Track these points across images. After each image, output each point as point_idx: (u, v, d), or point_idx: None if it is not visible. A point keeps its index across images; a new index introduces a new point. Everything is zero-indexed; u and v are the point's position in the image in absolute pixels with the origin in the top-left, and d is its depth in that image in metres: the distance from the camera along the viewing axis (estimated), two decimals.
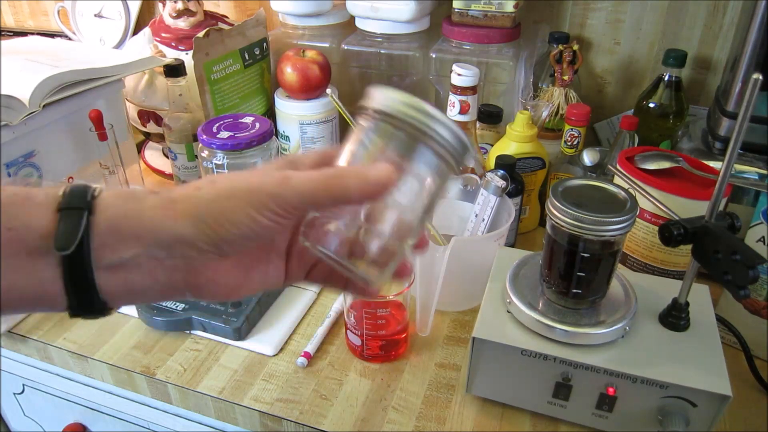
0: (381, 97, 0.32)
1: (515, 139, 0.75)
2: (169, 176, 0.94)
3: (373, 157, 0.32)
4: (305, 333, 0.65)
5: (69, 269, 0.30)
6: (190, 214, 0.31)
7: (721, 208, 0.53)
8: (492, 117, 0.82)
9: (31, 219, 0.30)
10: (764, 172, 0.67)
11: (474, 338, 0.51)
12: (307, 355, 0.60)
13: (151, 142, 1.00)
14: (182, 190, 0.32)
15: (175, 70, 0.79)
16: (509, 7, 0.81)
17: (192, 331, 0.64)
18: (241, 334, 0.62)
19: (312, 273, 0.38)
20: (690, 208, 0.59)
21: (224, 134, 0.66)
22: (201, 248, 0.31)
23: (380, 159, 0.32)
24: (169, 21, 0.92)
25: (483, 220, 0.68)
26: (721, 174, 0.44)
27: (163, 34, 0.92)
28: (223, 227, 0.31)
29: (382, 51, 0.88)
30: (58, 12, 1.13)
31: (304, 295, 0.69)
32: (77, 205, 0.30)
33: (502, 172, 0.67)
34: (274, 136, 0.70)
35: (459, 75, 0.69)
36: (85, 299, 0.31)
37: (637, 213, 0.48)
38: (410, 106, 0.31)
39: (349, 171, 0.32)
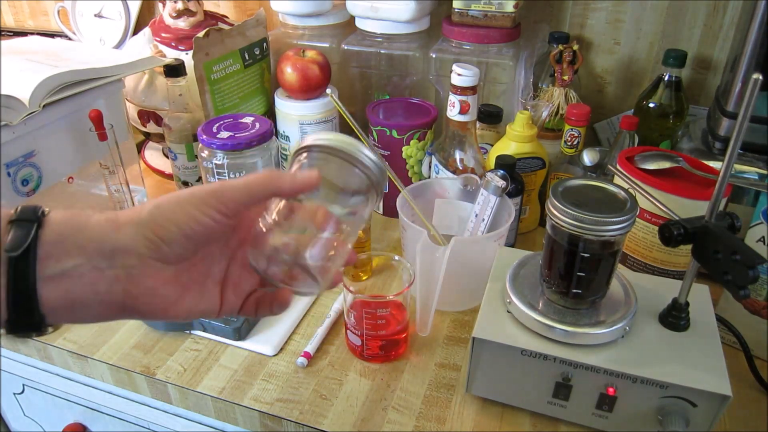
0: (313, 137, 0.38)
1: (515, 139, 0.75)
2: (169, 176, 0.94)
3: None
4: (305, 333, 0.65)
5: (14, 277, 0.31)
6: (133, 224, 0.34)
7: (721, 208, 0.53)
8: (492, 117, 0.82)
9: None
10: (764, 172, 0.67)
11: (474, 338, 0.51)
12: (307, 355, 0.61)
13: (151, 142, 1.00)
14: (128, 214, 0.35)
15: (175, 70, 0.79)
16: (509, 7, 0.81)
17: (192, 331, 0.64)
18: (241, 334, 0.62)
19: (246, 304, 0.40)
20: (690, 208, 0.59)
21: (224, 134, 0.66)
22: (142, 254, 0.34)
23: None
24: (169, 21, 0.92)
25: (483, 220, 0.68)
26: (721, 174, 0.44)
27: (163, 34, 0.92)
28: (164, 228, 0.34)
29: (382, 51, 0.88)
30: (58, 12, 1.13)
31: None
32: (28, 218, 0.32)
33: (502, 172, 0.67)
34: (274, 136, 0.70)
35: (459, 75, 0.69)
36: (25, 310, 0.32)
37: (637, 213, 0.48)
38: (338, 139, 0.37)
39: (282, 173, 0.37)
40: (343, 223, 0.38)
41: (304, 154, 0.38)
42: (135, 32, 1.07)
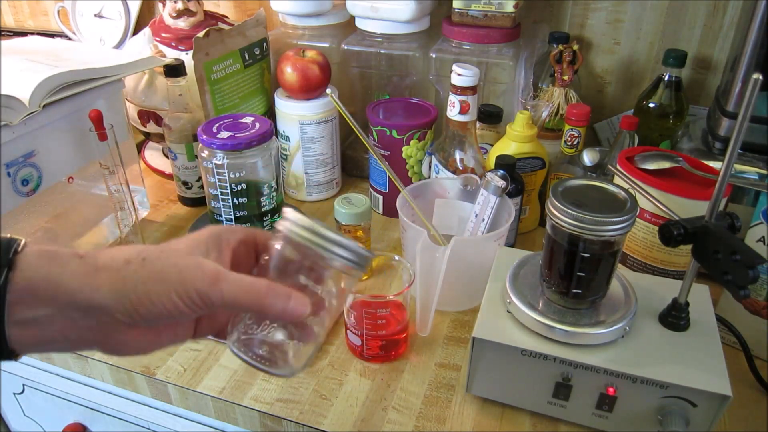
0: (290, 224, 0.37)
1: (515, 139, 0.75)
2: (169, 176, 0.94)
3: (286, 272, 0.38)
4: None
5: None
6: (114, 288, 0.32)
7: (721, 208, 0.53)
8: (492, 117, 0.82)
9: None
10: (764, 172, 0.67)
11: (474, 338, 0.51)
12: None
13: (151, 142, 1.00)
14: (109, 259, 0.33)
15: (175, 70, 0.79)
16: (509, 7, 0.81)
17: None
18: None
19: (222, 332, 0.40)
20: (690, 208, 0.59)
21: (224, 134, 0.66)
22: (116, 317, 0.32)
23: (293, 272, 0.38)
24: (169, 21, 0.92)
25: (483, 220, 0.68)
26: (721, 174, 0.44)
27: (163, 34, 0.92)
28: (144, 306, 0.32)
29: (382, 51, 0.88)
30: (58, 12, 1.13)
31: None
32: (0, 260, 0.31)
33: (502, 172, 0.67)
34: (274, 136, 0.70)
35: (459, 75, 0.69)
36: None
37: (637, 213, 0.48)
38: (314, 233, 0.36)
39: (273, 295, 0.35)
40: (318, 313, 0.39)
41: (279, 240, 0.38)
42: (135, 32, 1.07)
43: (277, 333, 0.38)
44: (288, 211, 0.38)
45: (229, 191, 0.68)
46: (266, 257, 0.39)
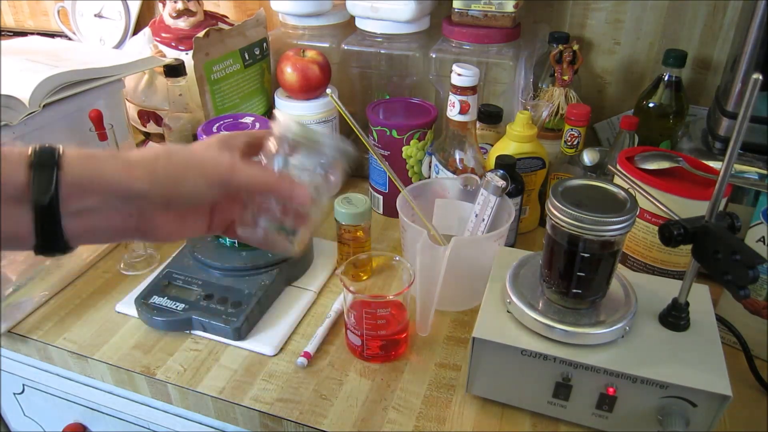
0: (284, 125, 0.45)
1: (515, 139, 0.75)
2: None
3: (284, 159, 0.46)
4: (305, 333, 0.65)
5: (41, 217, 0.35)
6: (149, 179, 0.38)
7: (721, 208, 0.53)
8: (492, 117, 0.82)
9: (10, 174, 0.35)
10: (764, 172, 0.67)
11: (474, 338, 0.51)
12: (307, 355, 0.61)
13: (151, 142, 1.00)
14: (140, 154, 0.39)
15: (175, 70, 0.79)
16: (509, 7, 0.81)
17: (192, 331, 0.64)
18: (241, 334, 0.62)
19: (230, 228, 0.47)
20: (690, 208, 0.59)
21: None
22: (153, 201, 0.39)
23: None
24: (169, 21, 0.92)
25: (483, 220, 0.68)
26: (721, 174, 0.44)
27: (163, 34, 0.92)
28: (176, 189, 0.39)
29: (382, 51, 0.88)
30: (58, 12, 1.13)
31: (304, 295, 0.69)
32: (47, 162, 0.35)
33: (502, 172, 0.67)
34: None
35: (459, 75, 0.69)
36: (51, 240, 0.36)
37: (637, 213, 0.48)
38: (305, 130, 0.45)
39: (281, 180, 0.43)
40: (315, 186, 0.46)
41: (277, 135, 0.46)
42: (135, 32, 1.08)
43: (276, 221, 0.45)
44: (278, 114, 0.46)
45: None
46: (263, 158, 0.46)
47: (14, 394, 0.84)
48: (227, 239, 0.69)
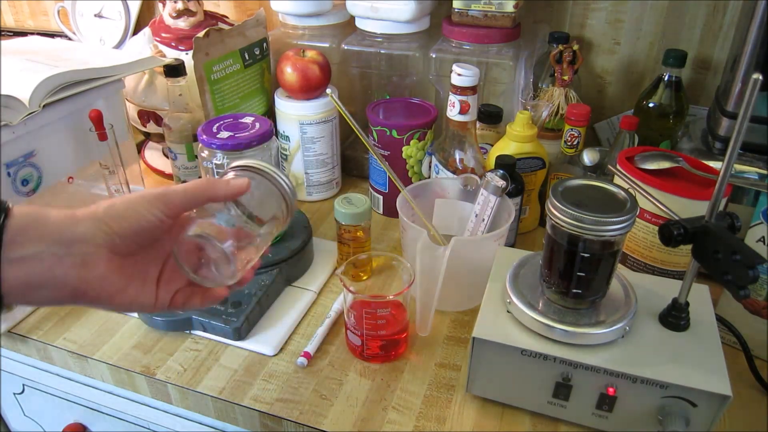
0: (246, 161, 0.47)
1: (515, 139, 0.75)
2: (169, 176, 0.94)
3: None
4: (305, 333, 0.65)
5: None
6: (90, 218, 0.39)
7: (721, 208, 0.53)
8: (492, 117, 0.82)
9: None
10: (764, 172, 0.67)
11: (474, 338, 0.51)
12: (307, 355, 0.61)
13: (151, 142, 1.00)
14: (84, 207, 0.40)
15: (175, 70, 0.79)
16: (509, 7, 0.81)
17: (192, 331, 0.64)
18: (241, 334, 0.62)
19: (175, 297, 0.45)
20: (690, 208, 0.59)
21: (224, 134, 0.66)
22: (97, 244, 0.38)
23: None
24: (169, 21, 0.92)
25: (483, 220, 0.68)
26: (721, 174, 0.44)
27: (163, 34, 0.92)
28: (118, 223, 0.39)
29: (382, 51, 0.88)
30: (58, 12, 1.13)
31: (304, 295, 0.69)
32: None
33: (502, 172, 0.67)
34: (274, 136, 0.70)
35: (459, 75, 0.69)
36: None
37: (637, 213, 0.48)
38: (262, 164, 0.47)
39: (218, 180, 0.44)
40: (254, 233, 0.46)
41: (231, 173, 0.47)
42: (135, 32, 1.07)
43: (216, 236, 0.43)
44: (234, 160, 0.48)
45: None
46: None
47: (14, 394, 0.84)
48: None
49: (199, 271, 0.44)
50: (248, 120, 0.70)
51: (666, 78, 0.80)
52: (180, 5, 0.90)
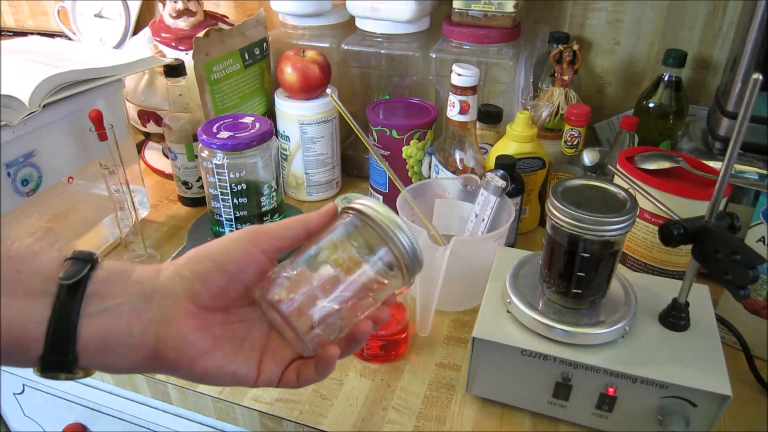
0: (361, 202, 0.38)
1: (515, 139, 0.75)
2: (169, 176, 0.94)
3: (341, 245, 0.38)
4: None
5: (58, 310, 0.32)
6: (172, 267, 0.36)
7: (721, 208, 0.53)
8: (492, 117, 0.82)
9: (41, 266, 0.34)
10: (764, 172, 0.67)
11: (474, 338, 0.51)
12: None
13: (151, 142, 1.00)
14: (172, 261, 0.37)
15: (175, 70, 0.79)
16: (509, 7, 0.81)
17: None
18: None
19: (286, 372, 0.38)
20: (690, 208, 0.59)
21: (224, 134, 0.66)
22: (177, 295, 0.35)
23: (347, 247, 0.38)
24: (169, 21, 0.92)
25: (483, 220, 0.68)
26: (721, 174, 0.44)
27: (163, 34, 0.92)
28: (199, 263, 0.35)
29: (382, 51, 0.88)
30: (58, 12, 1.13)
31: None
32: (83, 258, 0.34)
33: (502, 172, 0.67)
34: (274, 136, 0.70)
35: (459, 75, 0.69)
36: (60, 346, 0.32)
37: (637, 213, 0.48)
38: (381, 214, 0.37)
39: (306, 214, 0.39)
40: (354, 293, 0.37)
41: (349, 214, 0.39)
42: (135, 32, 1.07)
43: (292, 307, 0.36)
44: (358, 197, 0.41)
45: (229, 191, 0.68)
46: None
47: (14, 394, 0.84)
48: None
49: (285, 330, 0.37)
50: (248, 120, 0.70)
51: (666, 78, 0.80)
52: (180, 5, 0.90)
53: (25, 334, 0.32)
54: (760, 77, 0.39)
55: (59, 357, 0.32)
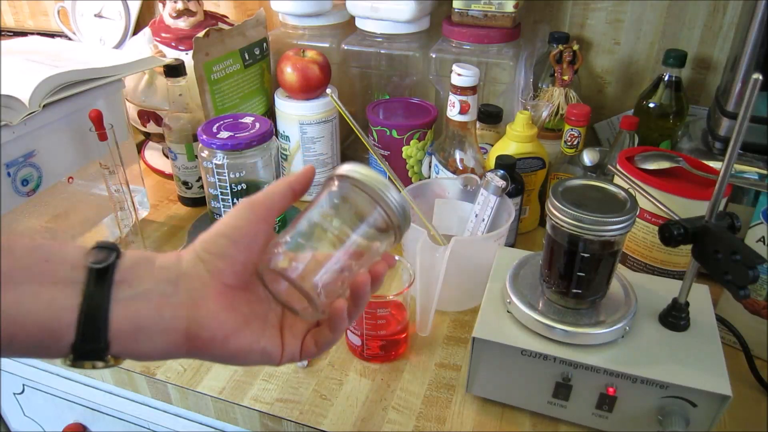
0: (347, 167, 0.40)
1: (515, 139, 0.75)
2: (169, 176, 0.94)
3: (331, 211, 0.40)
4: None
5: (88, 296, 0.32)
6: (191, 251, 0.37)
7: (721, 208, 0.53)
8: (492, 117, 0.82)
9: (67, 255, 0.34)
10: (764, 172, 0.67)
11: (474, 338, 0.51)
12: None
13: (151, 142, 1.00)
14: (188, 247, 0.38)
15: (175, 70, 0.79)
16: (509, 7, 0.81)
17: None
18: None
19: (305, 343, 0.40)
20: (690, 208, 0.59)
21: (224, 134, 0.66)
22: (202, 276, 0.36)
23: (340, 210, 0.39)
24: (169, 21, 0.92)
25: (483, 220, 0.68)
26: (721, 174, 0.44)
27: (163, 34, 0.92)
28: (212, 242, 0.37)
29: (382, 51, 0.88)
30: (58, 12, 1.13)
31: None
32: (108, 246, 0.35)
33: (502, 172, 0.67)
34: (274, 136, 0.70)
35: (459, 75, 0.69)
36: (92, 334, 0.32)
37: (637, 213, 0.48)
38: (368, 176, 0.39)
39: (288, 176, 0.41)
40: (351, 255, 0.38)
41: (336, 182, 0.40)
42: (135, 32, 1.07)
43: (302, 270, 0.37)
44: (346, 164, 0.40)
45: (229, 191, 0.68)
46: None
47: (14, 394, 0.84)
48: None
49: (290, 299, 0.38)
50: (248, 120, 0.70)
51: (666, 78, 0.80)
52: (180, 5, 0.90)
53: (58, 322, 0.32)
54: (760, 77, 0.39)
55: (92, 344, 0.32)
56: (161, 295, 0.34)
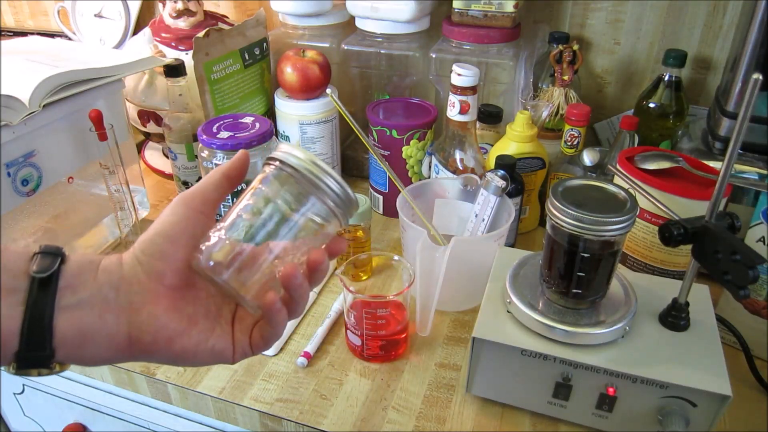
0: (285, 150, 0.37)
1: (515, 139, 0.75)
2: (169, 176, 0.94)
3: (267, 199, 0.37)
4: (305, 333, 0.65)
5: (32, 305, 0.32)
6: (130, 254, 0.36)
7: (721, 208, 0.53)
8: (492, 117, 0.82)
9: (8, 262, 0.33)
10: (764, 172, 0.67)
11: (474, 338, 0.51)
12: (307, 355, 0.61)
13: (151, 142, 1.00)
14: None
15: (175, 70, 0.79)
16: (509, 7, 0.81)
17: None
18: None
19: (252, 335, 0.39)
20: (690, 208, 0.59)
21: (224, 134, 0.66)
22: (141, 280, 0.35)
23: (274, 200, 0.37)
24: (169, 21, 0.92)
25: (483, 220, 0.68)
26: (721, 174, 0.44)
27: (163, 34, 0.92)
28: (150, 242, 0.36)
29: (382, 51, 0.88)
30: (58, 12, 1.13)
31: None
32: (52, 252, 0.34)
33: (502, 172, 0.67)
34: (274, 136, 0.70)
35: (459, 75, 0.69)
36: (36, 342, 0.32)
37: (637, 213, 0.48)
38: (309, 161, 0.36)
39: (223, 165, 0.40)
40: (290, 243, 0.37)
41: (272, 166, 0.38)
42: (135, 32, 1.07)
43: (223, 262, 0.36)
44: (283, 144, 0.38)
45: None
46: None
47: (14, 394, 0.84)
48: None
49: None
50: (248, 120, 0.70)
51: (666, 78, 0.80)
52: (180, 5, 0.90)
53: (1, 330, 0.31)
54: (760, 77, 0.39)
55: (36, 352, 0.32)
56: (103, 301, 0.34)
